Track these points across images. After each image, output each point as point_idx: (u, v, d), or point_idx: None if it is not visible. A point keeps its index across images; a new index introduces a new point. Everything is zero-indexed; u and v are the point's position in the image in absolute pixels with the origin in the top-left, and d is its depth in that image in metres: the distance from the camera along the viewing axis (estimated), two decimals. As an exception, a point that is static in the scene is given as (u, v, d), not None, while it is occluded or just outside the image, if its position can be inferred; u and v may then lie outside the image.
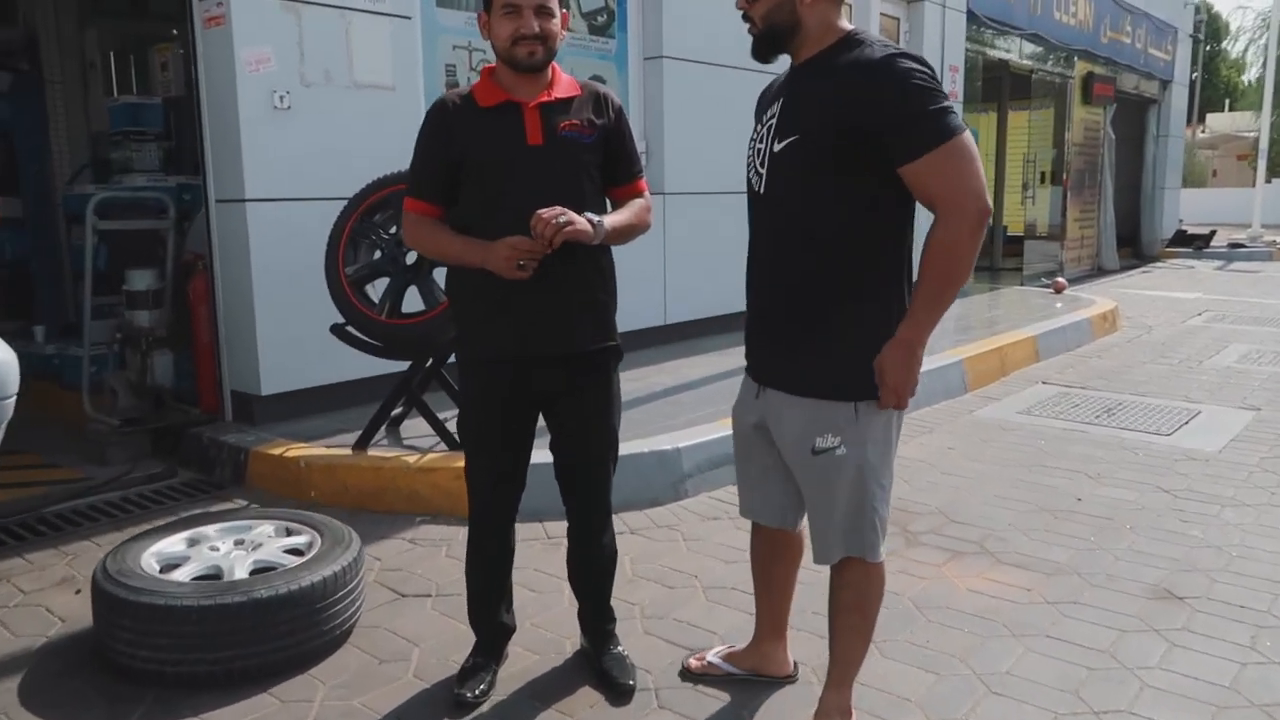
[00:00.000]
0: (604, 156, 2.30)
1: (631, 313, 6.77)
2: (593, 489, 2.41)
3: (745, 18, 1.99)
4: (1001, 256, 13.18)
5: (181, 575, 2.55)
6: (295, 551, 2.69)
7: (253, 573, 2.57)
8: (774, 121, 1.97)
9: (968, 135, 1.82)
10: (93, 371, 4.56)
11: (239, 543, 2.74)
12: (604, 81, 6.08)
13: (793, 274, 1.99)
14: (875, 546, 2.02)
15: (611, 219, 2.24)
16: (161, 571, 2.56)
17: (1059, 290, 10.08)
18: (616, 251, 2.34)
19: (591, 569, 2.47)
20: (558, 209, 2.09)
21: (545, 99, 2.23)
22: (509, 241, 2.11)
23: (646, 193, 2.42)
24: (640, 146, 6.32)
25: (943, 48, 9.19)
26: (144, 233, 4.57)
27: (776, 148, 1.94)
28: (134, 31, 6.54)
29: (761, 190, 2.01)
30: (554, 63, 2.29)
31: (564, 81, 2.29)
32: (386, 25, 4.55)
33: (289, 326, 4.28)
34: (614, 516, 2.52)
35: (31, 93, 6.28)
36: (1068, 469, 4.27)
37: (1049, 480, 4.12)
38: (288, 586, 2.41)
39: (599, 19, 6.05)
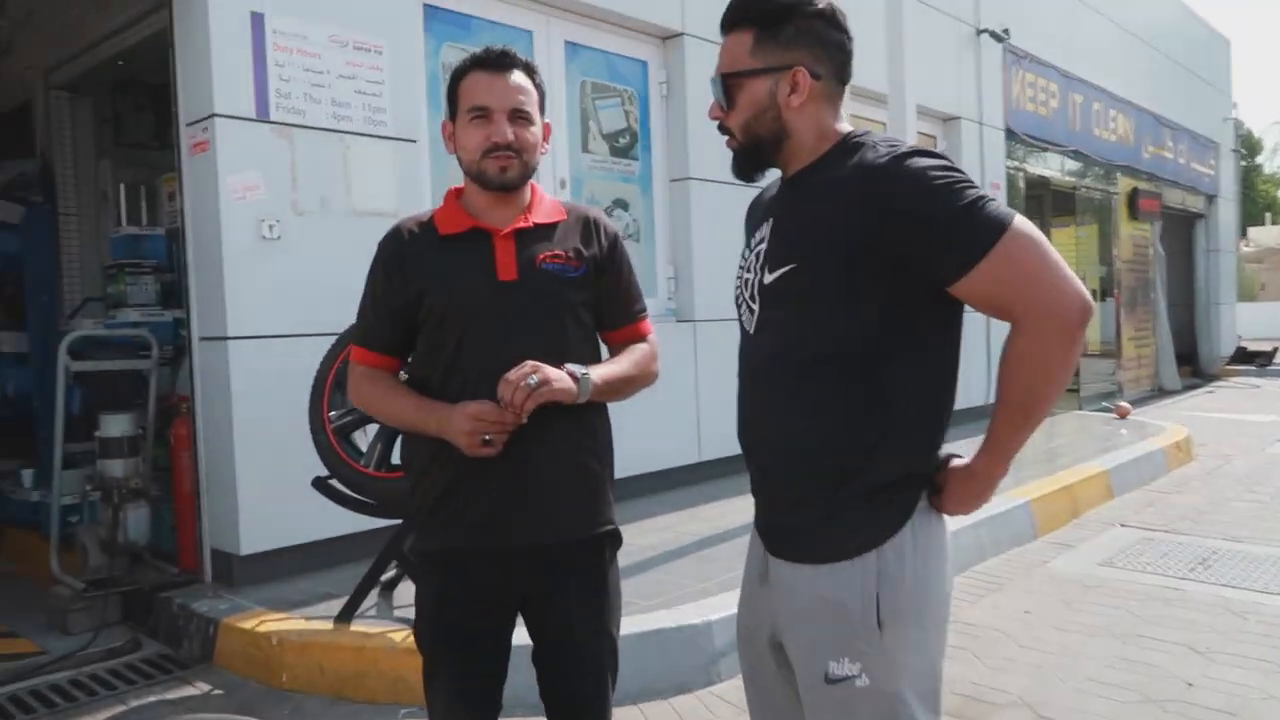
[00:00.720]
0: (596, 294, 1.86)
1: (660, 451, 6.33)
2: None
3: (721, 129, 1.60)
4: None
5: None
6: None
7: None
8: (763, 247, 1.58)
9: (1021, 220, 1.39)
10: (68, 525, 4.15)
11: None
12: (627, 206, 5.78)
13: (798, 427, 1.53)
14: None
15: (603, 371, 1.79)
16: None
17: (1123, 415, 9.42)
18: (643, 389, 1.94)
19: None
20: (529, 366, 1.65)
21: (521, 225, 1.81)
22: (469, 410, 1.66)
23: (651, 336, 1.97)
24: (668, 272, 5.99)
25: (982, 165, 8.89)
26: (124, 374, 4.21)
27: (768, 278, 1.54)
28: (147, 162, 6.42)
29: (753, 329, 1.59)
30: (533, 182, 1.88)
31: (545, 204, 1.88)
32: (389, 149, 4.27)
33: (272, 477, 3.84)
34: (633, 708, 1.95)
35: (44, 225, 6.13)
36: (1170, 641, 3.62)
37: (1149, 657, 3.46)
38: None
39: (621, 140, 5.78)
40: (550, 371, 1.66)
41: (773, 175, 1.67)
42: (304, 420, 3.46)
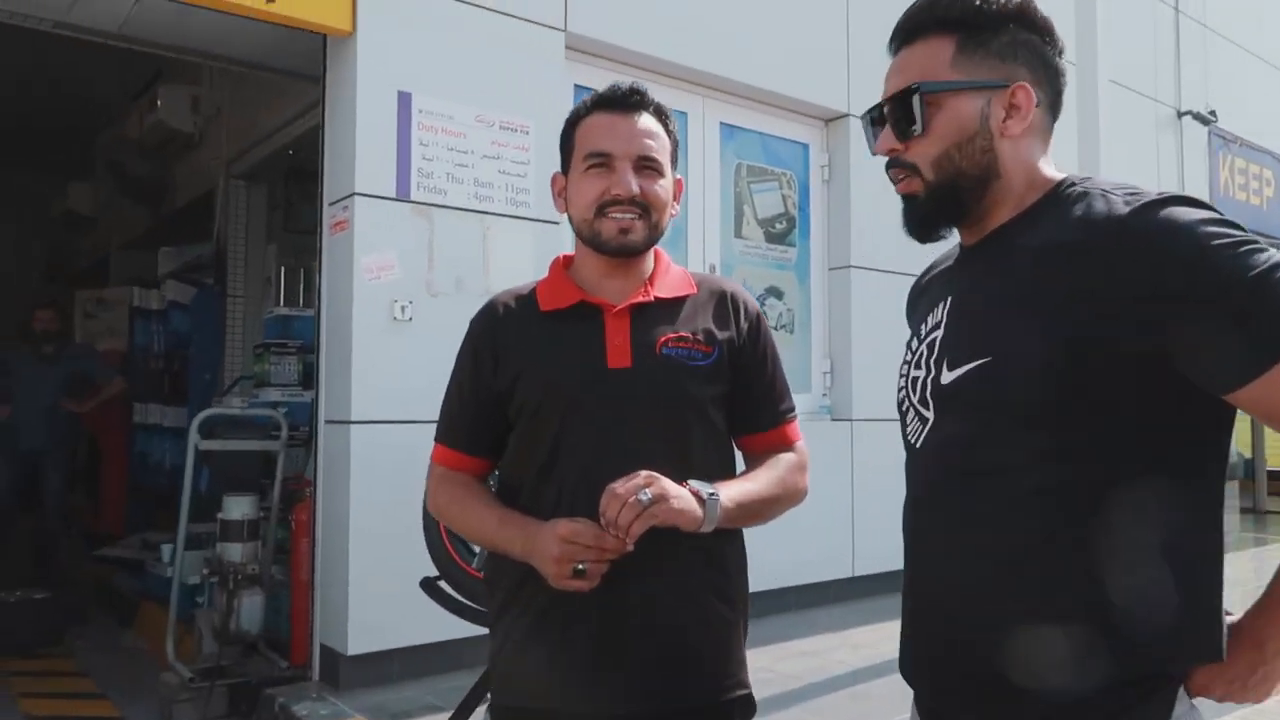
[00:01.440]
0: (732, 389, 1.48)
1: (808, 562, 5.66)
2: None
3: (894, 165, 1.20)
4: (1266, 495, 11.07)
5: None
6: None
7: None
8: (938, 335, 1.19)
9: None
10: (195, 606, 4.05)
11: None
12: (781, 295, 5.40)
13: (991, 585, 1.10)
14: None
15: (737, 490, 1.40)
16: None
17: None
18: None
19: None
20: (642, 477, 1.28)
21: (640, 299, 1.46)
22: (561, 530, 1.30)
23: (800, 444, 1.56)
24: (824, 366, 5.53)
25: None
26: (253, 454, 4.13)
27: (947, 377, 1.15)
28: (309, 247, 6.60)
29: (919, 443, 1.19)
30: (658, 249, 1.54)
31: (672, 275, 1.53)
32: (530, 231, 4.09)
33: (386, 571, 3.59)
34: None
35: (211, 306, 6.35)
36: None
37: None
38: None
39: (777, 226, 5.44)
40: (669, 486, 1.29)
41: (935, 245, 1.27)
42: (420, 512, 3.21)
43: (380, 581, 3.57)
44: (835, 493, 5.30)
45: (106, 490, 6.98)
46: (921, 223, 1.20)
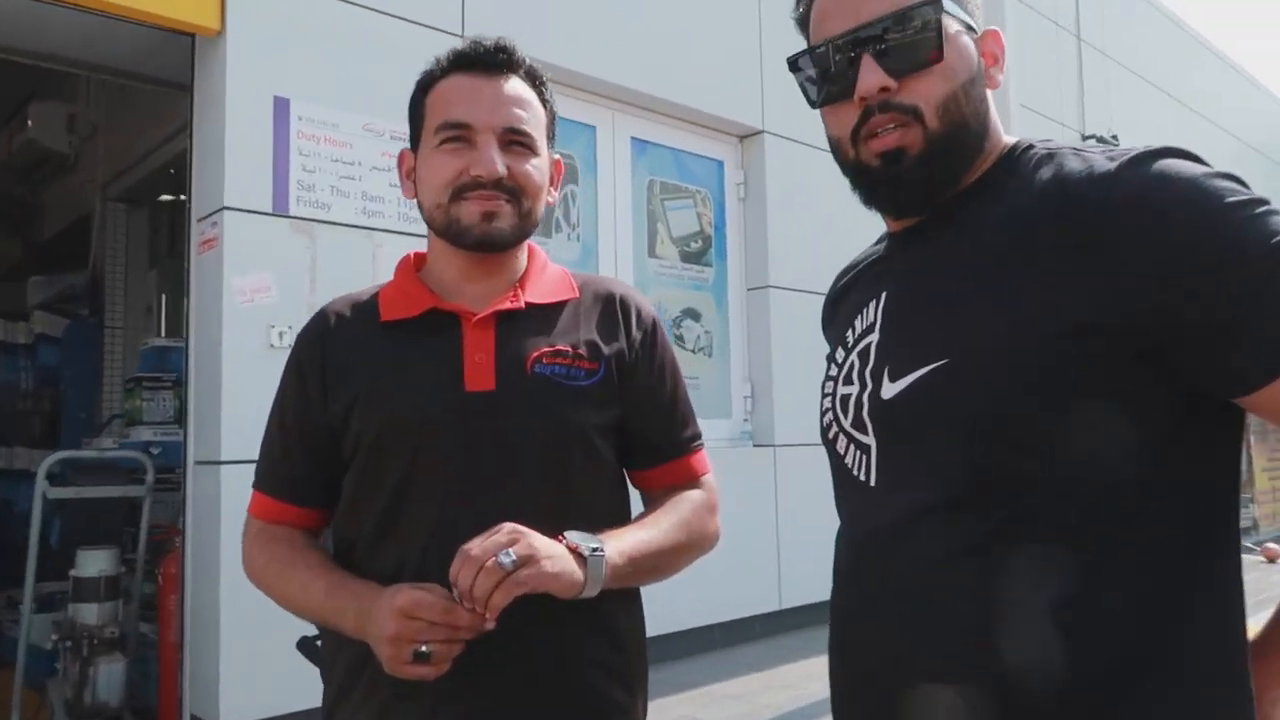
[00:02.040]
0: (622, 412, 1.21)
1: (733, 598, 5.29)
2: None
3: (885, 110, 0.92)
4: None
5: None
6: None
7: None
8: (874, 341, 0.95)
9: None
10: (53, 673, 3.57)
11: None
12: (699, 317, 5.17)
13: (1005, 644, 0.83)
14: None
15: (629, 540, 1.12)
16: None
17: (1271, 559, 8.20)
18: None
19: None
20: (505, 532, 0.99)
21: (508, 305, 1.18)
22: (400, 602, 1.01)
23: (708, 478, 1.29)
24: (744, 390, 5.31)
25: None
26: (112, 501, 3.69)
27: (889, 390, 0.91)
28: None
29: (866, 474, 0.93)
30: (532, 244, 1.27)
31: (549, 277, 1.26)
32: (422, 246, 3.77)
33: (261, 630, 3.19)
34: None
35: (86, 339, 5.85)
36: None
37: None
38: None
39: (693, 245, 5.23)
40: (539, 543, 1.00)
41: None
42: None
43: (255, 641, 3.17)
44: (759, 523, 5.07)
45: (-33, 544, 6.34)
46: (908, 186, 0.93)
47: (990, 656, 0.81)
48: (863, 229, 1.20)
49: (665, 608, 4.69)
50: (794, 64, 0.99)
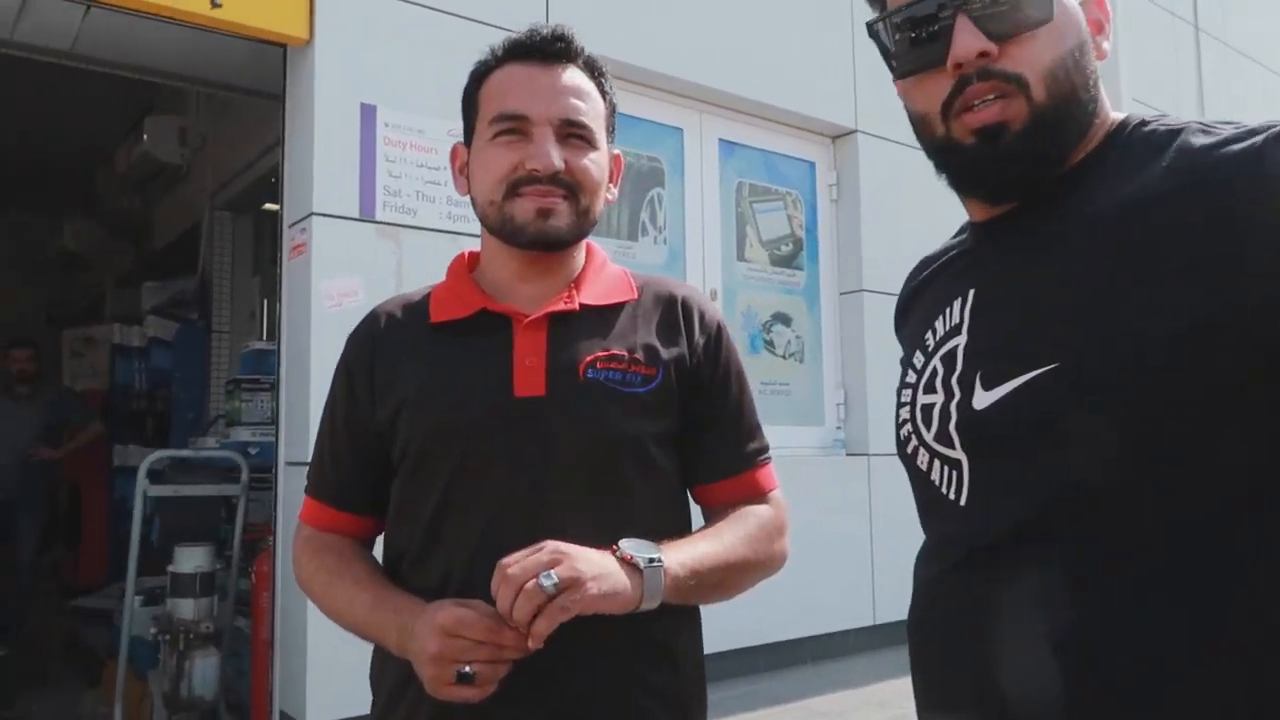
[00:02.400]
0: (683, 422, 1.13)
1: (823, 610, 5.08)
2: None
3: (983, 78, 0.81)
4: None
5: None
6: None
7: None
8: (959, 344, 0.85)
9: None
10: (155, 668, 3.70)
11: None
12: (789, 322, 5.04)
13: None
14: None
15: (690, 552, 1.04)
16: None
17: None
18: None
19: None
20: (546, 552, 0.93)
21: (561, 307, 1.12)
22: (442, 619, 0.95)
23: (776, 494, 1.20)
24: (837, 397, 5.16)
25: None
26: (209, 500, 3.80)
27: (983, 400, 0.80)
28: (296, 278, 6.35)
29: (959, 494, 0.83)
30: (591, 243, 1.21)
31: (608, 277, 1.19)
32: (509, 253, 3.77)
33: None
34: None
35: (195, 342, 6.09)
36: None
37: None
38: None
39: (783, 248, 5.11)
40: (583, 562, 0.93)
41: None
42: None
43: (340, 641, 3.20)
44: (852, 533, 4.91)
45: (88, 539, 6.68)
46: (1009, 166, 0.82)
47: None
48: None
49: (752, 620, 4.59)
50: (873, 29, 0.89)
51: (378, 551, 1.20)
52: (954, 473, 0.84)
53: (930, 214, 2.29)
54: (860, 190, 5.19)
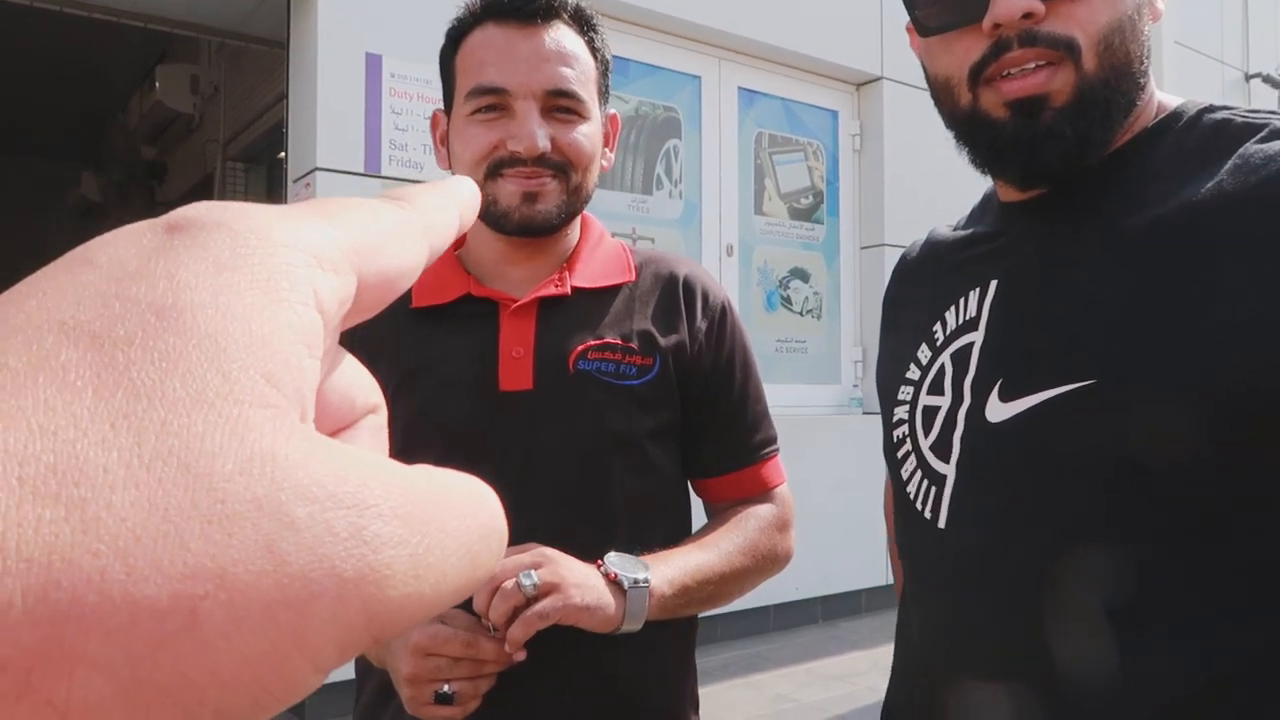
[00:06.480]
0: (682, 414, 1.05)
1: (838, 570, 4.94)
2: None
3: (1026, 44, 0.70)
4: None
5: None
6: None
7: None
8: (974, 342, 0.75)
9: None
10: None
11: None
12: (808, 277, 4.93)
13: None
14: None
15: (680, 566, 0.97)
16: None
17: None
18: (798, 487, 1.15)
19: None
20: (530, 554, 0.86)
21: (552, 290, 1.04)
22: (417, 640, 0.88)
23: (782, 490, 1.12)
24: (855, 354, 5.06)
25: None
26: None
27: (999, 412, 0.71)
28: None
29: (940, 518, 0.75)
30: (587, 214, 1.12)
31: (603, 255, 1.09)
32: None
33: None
34: None
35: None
36: None
37: None
38: None
39: (803, 201, 4.97)
40: (567, 570, 0.87)
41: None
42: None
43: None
44: (867, 492, 4.84)
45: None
46: (1048, 146, 0.71)
47: None
48: (988, 184, 1.01)
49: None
50: None
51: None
52: (933, 489, 0.76)
53: (958, 168, 2.17)
54: (885, 141, 5.03)
